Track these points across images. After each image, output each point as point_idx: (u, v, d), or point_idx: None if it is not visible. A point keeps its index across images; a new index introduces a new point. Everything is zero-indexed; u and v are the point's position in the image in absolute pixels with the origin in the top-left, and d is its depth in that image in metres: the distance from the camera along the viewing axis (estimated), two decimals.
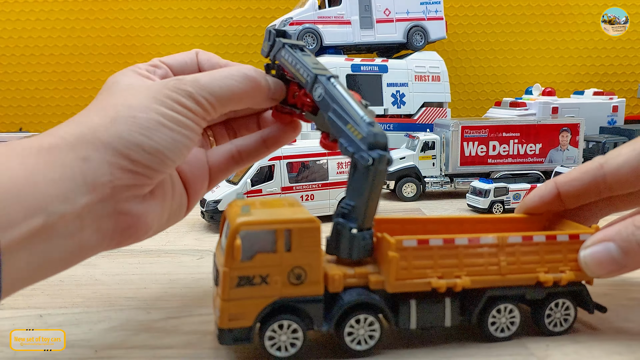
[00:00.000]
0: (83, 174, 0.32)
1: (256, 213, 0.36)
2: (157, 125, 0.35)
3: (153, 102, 0.36)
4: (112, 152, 0.33)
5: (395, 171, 1.00)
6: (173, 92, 0.36)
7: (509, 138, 1.02)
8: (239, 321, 0.35)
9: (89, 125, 0.34)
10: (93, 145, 0.33)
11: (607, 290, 0.49)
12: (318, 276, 0.36)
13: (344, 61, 1.25)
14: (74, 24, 1.64)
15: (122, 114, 0.34)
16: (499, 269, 0.39)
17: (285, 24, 1.28)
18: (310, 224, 0.36)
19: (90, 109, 0.36)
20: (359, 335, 0.37)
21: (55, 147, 0.32)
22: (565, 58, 1.70)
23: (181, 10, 1.64)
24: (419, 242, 0.37)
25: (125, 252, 0.66)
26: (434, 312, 0.38)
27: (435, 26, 1.35)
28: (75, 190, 0.32)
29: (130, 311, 0.47)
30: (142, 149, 0.34)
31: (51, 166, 0.32)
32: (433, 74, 1.29)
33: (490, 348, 0.39)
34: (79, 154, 0.33)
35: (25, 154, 0.32)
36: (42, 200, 0.30)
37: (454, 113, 1.61)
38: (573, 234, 0.40)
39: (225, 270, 0.34)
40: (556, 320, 0.40)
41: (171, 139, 0.35)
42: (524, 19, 1.67)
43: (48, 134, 0.34)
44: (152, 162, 0.35)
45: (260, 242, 0.35)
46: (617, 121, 1.36)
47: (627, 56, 1.70)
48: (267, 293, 0.35)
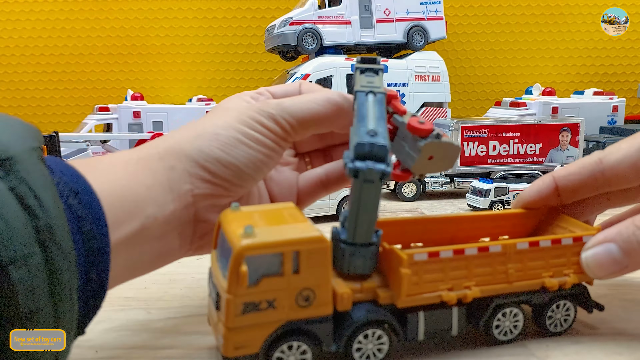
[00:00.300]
0: (169, 182, 0.36)
1: (260, 233, 0.33)
2: (235, 142, 0.38)
3: (236, 121, 0.39)
4: (193, 164, 0.37)
5: None
6: (256, 113, 0.39)
7: (509, 138, 1.02)
8: (245, 349, 0.33)
9: (177, 139, 0.38)
10: (177, 156, 0.37)
11: (607, 290, 0.49)
12: (327, 297, 0.34)
13: (344, 61, 1.25)
14: (74, 24, 1.64)
15: (207, 131, 0.38)
16: (506, 277, 0.38)
17: (285, 23, 1.28)
18: (319, 244, 0.33)
19: (185, 127, 0.41)
20: (368, 350, 0.36)
21: (149, 157, 0.37)
22: (565, 58, 1.70)
23: (181, 10, 1.64)
24: (429, 255, 0.36)
25: None
26: (441, 323, 0.37)
27: (435, 26, 1.35)
28: (164, 196, 0.36)
29: (130, 311, 0.47)
30: (219, 163, 0.37)
31: (146, 173, 0.36)
32: (433, 74, 1.29)
33: (490, 349, 0.39)
34: (166, 164, 0.37)
35: (126, 162, 0.36)
36: (140, 204, 0.34)
37: (454, 113, 1.61)
38: (576, 236, 0.40)
39: (229, 298, 0.32)
40: (557, 321, 0.40)
41: (248, 155, 0.38)
42: (524, 19, 1.67)
43: (145, 146, 0.39)
44: (229, 175, 0.38)
45: (265, 265, 0.32)
46: (617, 121, 1.36)
47: (627, 56, 1.70)
48: (274, 318, 0.33)
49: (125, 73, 1.67)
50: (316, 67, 1.23)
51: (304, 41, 1.26)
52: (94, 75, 1.67)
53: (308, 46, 1.27)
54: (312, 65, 1.24)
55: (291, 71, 1.32)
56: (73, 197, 0.30)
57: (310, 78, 1.22)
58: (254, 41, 1.65)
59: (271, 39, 1.33)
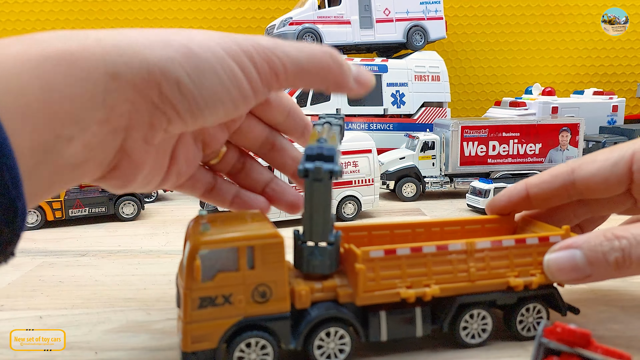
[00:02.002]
0: (105, 94, 0.27)
1: (216, 230, 0.34)
2: (210, 70, 0.29)
3: (220, 46, 0.30)
4: (147, 77, 0.28)
5: (395, 171, 1.00)
6: (249, 44, 0.31)
7: (508, 138, 1.02)
8: (202, 343, 0.33)
9: (134, 37, 0.29)
10: (128, 59, 0.28)
11: (607, 291, 0.49)
12: (284, 293, 0.34)
13: None
14: (74, 24, 1.63)
15: (178, 42, 0.29)
16: (468, 276, 0.38)
17: (285, 23, 1.28)
18: (273, 239, 0.34)
19: (146, 29, 0.31)
20: (329, 349, 0.36)
21: (82, 51, 0.27)
22: (565, 58, 1.70)
23: (181, 11, 1.64)
24: (386, 252, 0.36)
25: (125, 253, 0.66)
26: (404, 323, 0.37)
27: (435, 26, 1.35)
28: (91, 113, 0.27)
29: (130, 312, 0.47)
30: (179, 88, 0.29)
31: (73, 80, 0.26)
32: (433, 73, 1.29)
33: (489, 349, 0.39)
34: (108, 67, 0.27)
35: (42, 58, 0.26)
36: (53, 119, 0.26)
37: (454, 113, 1.61)
38: (543, 236, 0.39)
39: (186, 292, 0.33)
40: (529, 324, 0.39)
41: (217, 92, 0.30)
42: (524, 19, 1.67)
43: (77, 33, 0.28)
44: (182, 108, 0.30)
45: (221, 260, 0.33)
46: (616, 121, 1.36)
47: (627, 56, 1.70)
48: (231, 313, 0.34)
49: None
50: None
51: (303, 41, 1.26)
52: None
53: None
54: None
55: None
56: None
57: None
58: None
59: None
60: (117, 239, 0.74)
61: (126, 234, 0.77)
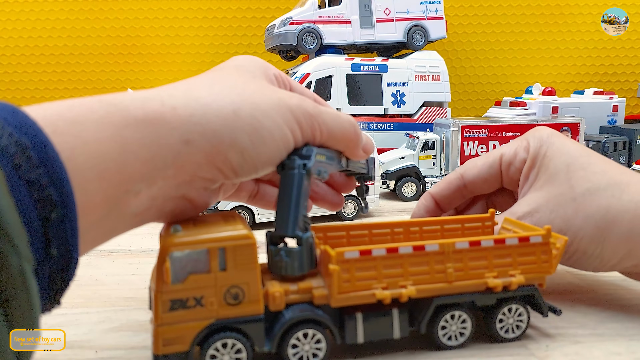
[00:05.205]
0: (175, 159, 0.30)
1: (187, 232, 0.34)
2: (269, 136, 0.33)
3: (276, 111, 0.34)
4: (216, 145, 0.31)
5: (396, 171, 1.00)
6: (298, 110, 0.35)
7: (509, 138, 1.02)
8: (174, 346, 0.33)
9: (207, 106, 0.32)
10: (202, 130, 0.31)
11: (607, 292, 0.49)
12: (257, 295, 0.34)
13: (344, 61, 1.25)
14: (74, 24, 1.64)
15: (243, 111, 0.32)
16: (445, 277, 0.37)
17: (285, 23, 1.28)
18: (244, 240, 0.33)
19: (208, 80, 0.34)
20: (304, 352, 0.35)
21: (156, 120, 0.29)
22: (565, 58, 1.70)
23: (181, 10, 1.64)
24: (361, 253, 0.36)
25: (125, 252, 0.66)
26: (381, 325, 0.37)
27: (436, 26, 1.35)
28: (161, 170, 0.30)
29: (130, 311, 0.47)
30: (242, 154, 0.33)
31: (149, 146, 0.29)
32: (433, 73, 1.29)
33: (490, 348, 0.39)
34: (182, 135, 0.30)
35: (122, 124, 0.28)
36: (127, 181, 0.29)
37: (454, 113, 1.61)
38: (523, 237, 0.39)
39: (157, 294, 0.33)
40: (509, 326, 0.39)
41: (271, 154, 0.34)
42: (524, 19, 1.67)
43: (152, 98, 0.31)
44: (240, 169, 0.33)
45: (192, 262, 0.33)
46: (617, 121, 1.36)
47: (627, 56, 1.70)
48: (203, 315, 0.33)
49: (125, 73, 1.67)
50: (316, 67, 1.23)
51: (304, 41, 1.26)
52: (94, 75, 1.67)
53: (308, 46, 1.27)
54: (312, 65, 1.24)
55: (291, 71, 1.32)
56: (21, 154, 0.24)
57: (310, 78, 1.22)
58: (254, 41, 1.65)
59: (271, 38, 1.33)
60: (117, 238, 0.73)
61: (126, 234, 0.77)
